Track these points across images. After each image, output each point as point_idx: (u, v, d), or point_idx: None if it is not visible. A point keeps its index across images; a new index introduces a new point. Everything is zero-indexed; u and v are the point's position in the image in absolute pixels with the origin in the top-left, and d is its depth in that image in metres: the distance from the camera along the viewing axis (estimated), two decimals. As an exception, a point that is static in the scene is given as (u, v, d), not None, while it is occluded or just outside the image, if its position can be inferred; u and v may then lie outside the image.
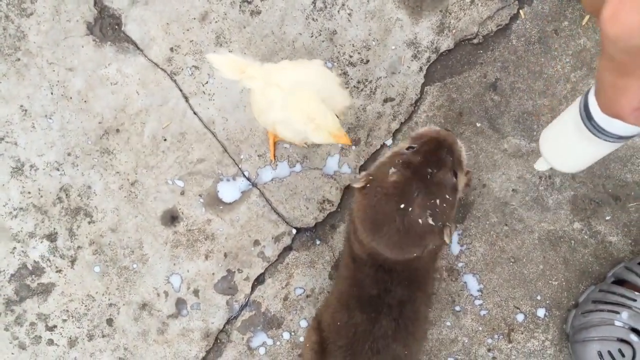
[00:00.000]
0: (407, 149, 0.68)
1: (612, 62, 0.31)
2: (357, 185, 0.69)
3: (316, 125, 0.69)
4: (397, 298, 0.73)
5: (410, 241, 0.66)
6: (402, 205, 0.64)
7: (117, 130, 0.93)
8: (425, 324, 0.83)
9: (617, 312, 0.85)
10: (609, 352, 0.85)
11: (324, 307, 0.85)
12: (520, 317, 0.94)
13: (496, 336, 0.94)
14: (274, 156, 0.92)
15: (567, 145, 0.53)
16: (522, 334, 0.94)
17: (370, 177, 0.68)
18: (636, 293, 0.86)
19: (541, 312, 0.94)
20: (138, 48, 0.92)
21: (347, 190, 0.94)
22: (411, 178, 0.64)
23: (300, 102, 0.70)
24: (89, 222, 0.93)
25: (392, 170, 0.65)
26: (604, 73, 0.33)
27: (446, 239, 0.66)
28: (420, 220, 0.64)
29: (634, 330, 0.85)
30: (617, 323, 0.85)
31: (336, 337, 0.77)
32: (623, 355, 0.85)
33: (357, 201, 0.70)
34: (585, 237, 0.94)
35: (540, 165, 0.63)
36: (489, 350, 0.94)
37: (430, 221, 0.64)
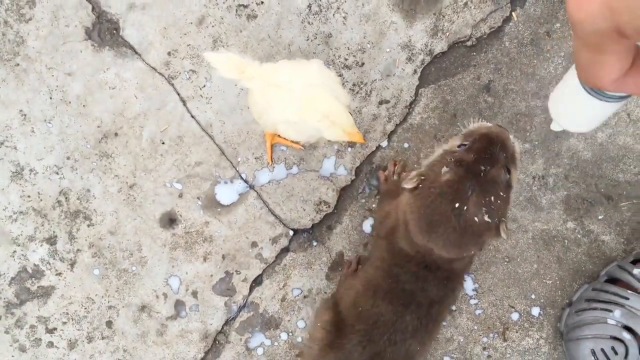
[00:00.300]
0: (459, 146, 0.66)
1: (586, 43, 0.33)
2: (408, 186, 0.67)
3: (331, 122, 0.70)
4: (430, 297, 0.74)
5: (467, 239, 0.65)
6: (457, 205, 0.63)
7: (116, 134, 0.93)
8: (441, 324, 0.84)
9: (610, 311, 0.86)
10: (602, 350, 0.86)
11: (345, 289, 0.84)
12: (515, 316, 0.95)
13: (491, 335, 0.95)
14: (271, 158, 0.93)
15: (574, 107, 0.54)
16: (516, 332, 0.95)
17: (422, 177, 0.66)
18: (629, 291, 0.87)
19: (535, 311, 0.95)
20: (136, 52, 0.93)
21: (343, 191, 0.95)
22: (464, 177, 0.63)
23: (315, 101, 0.71)
24: (88, 225, 0.94)
25: (445, 169, 0.64)
26: (580, 52, 0.35)
27: (503, 235, 0.65)
28: (476, 218, 0.63)
29: (626, 328, 0.86)
30: (610, 321, 0.86)
31: (355, 320, 0.77)
32: (616, 353, 0.86)
33: (408, 202, 0.68)
34: (579, 236, 0.94)
35: (555, 126, 0.62)
36: (484, 348, 0.95)
37: (487, 218, 0.63)
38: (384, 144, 0.94)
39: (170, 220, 0.94)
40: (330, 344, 0.78)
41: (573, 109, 0.55)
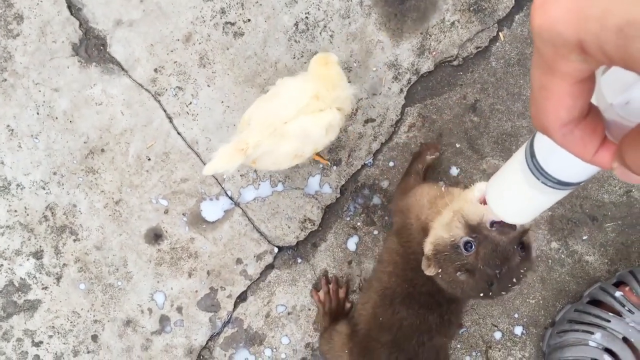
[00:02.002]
0: (466, 245, 0.59)
1: (539, 57, 0.27)
2: (429, 274, 0.64)
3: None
4: (448, 295, 0.71)
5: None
6: (482, 294, 0.61)
7: (102, 150, 0.92)
8: (463, 313, 0.82)
9: (592, 333, 0.85)
10: (584, 372, 0.84)
11: (361, 304, 0.82)
12: (497, 335, 0.93)
13: (474, 353, 0.93)
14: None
15: (512, 195, 0.48)
16: (499, 351, 0.93)
17: (439, 272, 0.62)
18: (610, 314, 0.85)
19: (518, 330, 0.93)
20: (123, 69, 0.91)
21: (328, 209, 0.93)
22: (480, 279, 0.60)
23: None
24: (74, 240, 0.92)
25: (459, 273, 0.61)
26: (532, 71, 0.28)
27: (534, 266, 0.64)
28: (504, 292, 0.62)
29: (607, 350, 0.84)
30: (591, 343, 0.84)
31: (379, 332, 0.75)
32: (597, 375, 0.84)
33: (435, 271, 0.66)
34: (563, 256, 0.93)
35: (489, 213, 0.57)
36: (467, 367, 0.93)
37: (515, 282, 0.61)
38: (369, 161, 0.93)
39: (155, 236, 0.93)
40: None
41: (511, 197, 0.48)
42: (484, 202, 0.56)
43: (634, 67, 0.22)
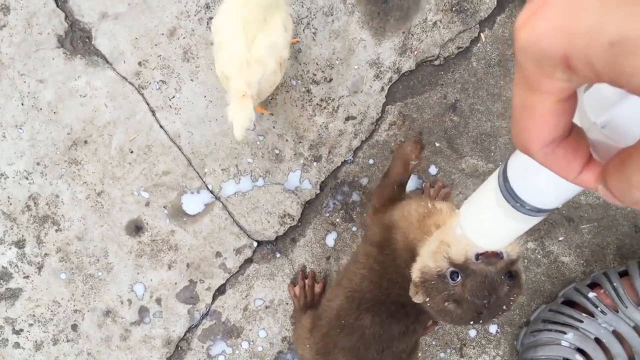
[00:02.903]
0: (452, 275, 0.56)
1: (522, 75, 0.25)
2: (417, 301, 0.62)
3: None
4: (419, 308, 0.67)
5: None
6: (472, 322, 0.60)
7: (85, 142, 0.92)
8: (428, 323, 0.80)
9: (564, 333, 0.84)
10: (555, 371, 0.84)
11: (327, 301, 0.79)
12: (472, 333, 0.93)
13: (449, 350, 0.93)
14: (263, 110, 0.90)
15: (484, 218, 0.46)
16: (474, 349, 0.93)
17: (427, 301, 0.60)
18: (583, 315, 0.85)
19: (493, 329, 0.93)
20: (107, 62, 0.91)
21: (307, 205, 0.93)
22: (468, 309, 0.58)
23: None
24: (56, 230, 0.92)
25: (447, 303, 0.58)
26: (515, 90, 0.27)
27: (523, 290, 0.60)
28: (494, 318, 0.60)
29: (579, 350, 0.84)
30: (563, 343, 0.84)
31: (339, 334, 0.73)
32: (569, 375, 0.84)
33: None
34: (539, 256, 0.92)
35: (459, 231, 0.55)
36: (441, 364, 0.93)
37: (504, 309, 0.59)
38: (349, 158, 0.92)
39: (136, 228, 0.92)
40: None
41: (485, 224, 0.47)
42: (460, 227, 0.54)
43: (624, 85, 0.21)
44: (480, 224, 0.47)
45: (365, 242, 0.79)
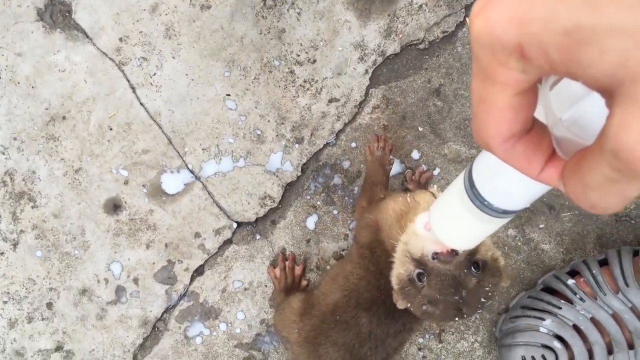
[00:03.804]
0: (419, 276, 0.56)
1: (478, 66, 0.24)
2: (400, 307, 0.61)
3: None
4: None
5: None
6: (457, 318, 0.58)
7: (64, 117, 0.89)
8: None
9: (543, 319, 0.83)
10: (533, 357, 0.82)
11: (322, 294, 0.78)
12: (451, 319, 0.91)
13: (427, 336, 0.91)
14: None
15: (453, 219, 0.45)
16: (452, 334, 0.91)
17: (409, 306, 0.59)
18: (562, 301, 0.83)
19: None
20: (87, 36, 0.88)
21: (288, 187, 0.91)
22: (445, 307, 0.57)
23: None
24: (32, 207, 0.89)
25: (424, 306, 0.57)
26: (472, 83, 0.26)
27: (505, 281, 0.59)
28: (479, 309, 0.58)
29: (557, 337, 0.82)
30: (541, 329, 0.83)
31: (332, 329, 0.72)
32: (546, 361, 0.83)
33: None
34: (519, 243, 0.91)
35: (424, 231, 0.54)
36: (419, 349, 0.91)
37: (486, 299, 0.58)
38: (332, 140, 0.90)
39: (114, 206, 0.90)
40: (307, 350, 0.74)
41: (454, 225, 0.45)
42: (429, 228, 0.52)
43: (578, 74, 0.20)
44: (448, 226, 0.46)
45: (356, 243, 0.78)
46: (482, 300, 0.57)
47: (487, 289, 0.57)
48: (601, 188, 0.22)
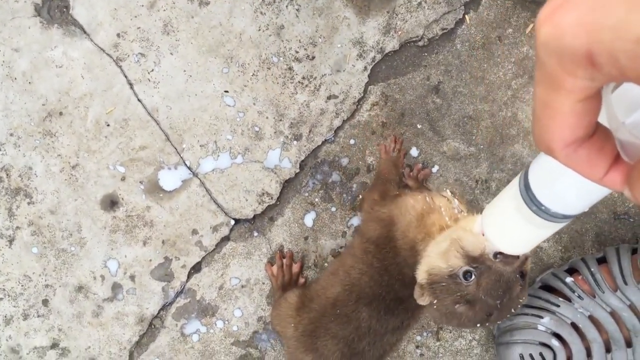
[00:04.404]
0: (465, 274, 0.54)
1: (543, 72, 0.24)
2: (422, 303, 0.59)
3: None
4: (417, 304, 0.64)
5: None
6: (479, 324, 0.57)
7: (61, 113, 0.88)
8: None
9: (541, 317, 0.82)
10: (531, 355, 0.82)
11: (322, 288, 0.77)
12: (449, 317, 0.90)
13: (425, 334, 0.90)
14: None
15: (507, 223, 0.44)
16: (450, 332, 0.90)
17: (434, 303, 0.57)
18: (560, 299, 0.82)
19: (470, 313, 0.90)
20: (85, 32, 0.87)
21: (286, 184, 0.90)
22: (480, 310, 0.55)
23: None
24: (29, 203, 0.88)
25: (458, 305, 0.56)
26: (536, 88, 0.26)
27: (527, 293, 0.59)
28: (500, 321, 0.58)
29: (555, 335, 0.82)
30: (540, 327, 0.82)
31: (331, 322, 0.71)
32: (544, 359, 0.82)
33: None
34: (517, 241, 0.90)
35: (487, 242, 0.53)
36: (417, 347, 0.90)
37: (512, 311, 0.57)
38: (330, 137, 0.89)
39: (111, 203, 0.89)
40: (304, 344, 0.73)
41: (508, 230, 0.45)
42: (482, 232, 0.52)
43: None
44: (502, 230, 0.46)
45: (360, 237, 0.76)
46: (512, 310, 0.56)
47: (521, 300, 0.56)
48: None
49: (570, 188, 0.36)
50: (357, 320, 0.70)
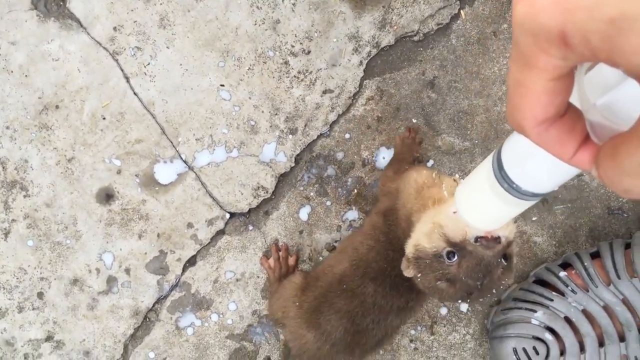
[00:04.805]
0: (449, 254, 0.55)
1: (518, 51, 0.24)
2: (407, 275, 0.60)
3: None
4: None
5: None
6: (460, 300, 0.59)
7: (57, 107, 0.88)
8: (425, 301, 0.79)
9: (534, 311, 0.82)
10: (524, 349, 0.82)
11: (328, 265, 0.77)
12: (443, 311, 0.90)
13: (419, 328, 0.90)
14: None
15: (479, 201, 0.45)
16: (444, 326, 0.90)
17: (418, 276, 0.59)
18: (554, 293, 0.82)
19: (464, 307, 0.90)
20: (81, 25, 0.87)
21: (282, 178, 0.90)
22: (461, 288, 0.57)
23: None
24: (24, 196, 0.88)
25: (439, 282, 0.57)
26: (510, 66, 0.26)
27: (513, 274, 0.60)
28: (481, 299, 0.60)
29: (549, 329, 0.82)
30: (533, 321, 0.82)
31: (337, 297, 0.71)
32: (537, 353, 0.82)
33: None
34: (512, 236, 0.90)
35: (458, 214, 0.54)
36: (411, 341, 0.90)
37: (494, 292, 0.58)
38: (325, 130, 0.89)
39: (107, 196, 0.89)
40: (307, 321, 0.73)
41: (480, 206, 0.45)
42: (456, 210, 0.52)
43: (621, 63, 0.20)
44: (474, 206, 0.46)
45: (373, 212, 0.78)
46: (493, 291, 0.57)
47: (502, 282, 0.57)
48: (637, 174, 0.22)
49: (541, 167, 0.36)
50: (362, 295, 0.70)
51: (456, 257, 0.54)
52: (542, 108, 0.25)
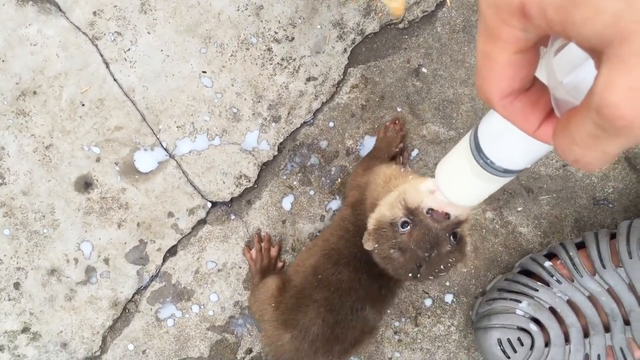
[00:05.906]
0: (403, 224, 0.58)
1: (484, 24, 0.25)
2: (367, 248, 0.63)
3: None
4: None
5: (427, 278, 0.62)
6: (410, 274, 0.61)
7: (35, 92, 0.85)
8: (397, 294, 0.81)
9: (519, 301, 0.80)
10: (509, 340, 0.80)
11: (302, 259, 0.78)
12: (428, 302, 0.88)
13: (403, 319, 0.88)
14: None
15: (457, 176, 0.45)
16: (429, 318, 0.88)
17: (375, 247, 0.62)
18: (539, 283, 0.81)
19: (449, 298, 0.88)
20: (60, 10, 0.85)
21: (264, 167, 0.88)
22: (410, 259, 0.59)
23: None
24: (1, 184, 0.85)
25: (393, 250, 0.60)
26: (477, 40, 0.27)
27: (466, 259, 0.62)
28: (431, 277, 0.61)
29: (534, 319, 0.80)
30: (518, 312, 0.80)
31: (314, 289, 0.72)
32: (522, 344, 0.80)
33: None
34: (497, 226, 0.88)
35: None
36: (395, 332, 0.88)
37: (442, 269, 0.60)
38: (309, 119, 0.87)
39: (85, 184, 0.86)
40: (285, 322, 0.72)
41: (458, 182, 0.46)
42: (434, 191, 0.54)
43: (572, 34, 0.21)
44: (452, 181, 0.48)
45: (342, 207, 0.81)
46: (440, 268, 0.60)
47: (450, 261, 0.60)
48: (585, 144, 0.23)
49: (513, 143, 0.37)
50: (337, 282, 0.71)
51: (408, 227, 0.57)
52: (506, 81, 0.26)
